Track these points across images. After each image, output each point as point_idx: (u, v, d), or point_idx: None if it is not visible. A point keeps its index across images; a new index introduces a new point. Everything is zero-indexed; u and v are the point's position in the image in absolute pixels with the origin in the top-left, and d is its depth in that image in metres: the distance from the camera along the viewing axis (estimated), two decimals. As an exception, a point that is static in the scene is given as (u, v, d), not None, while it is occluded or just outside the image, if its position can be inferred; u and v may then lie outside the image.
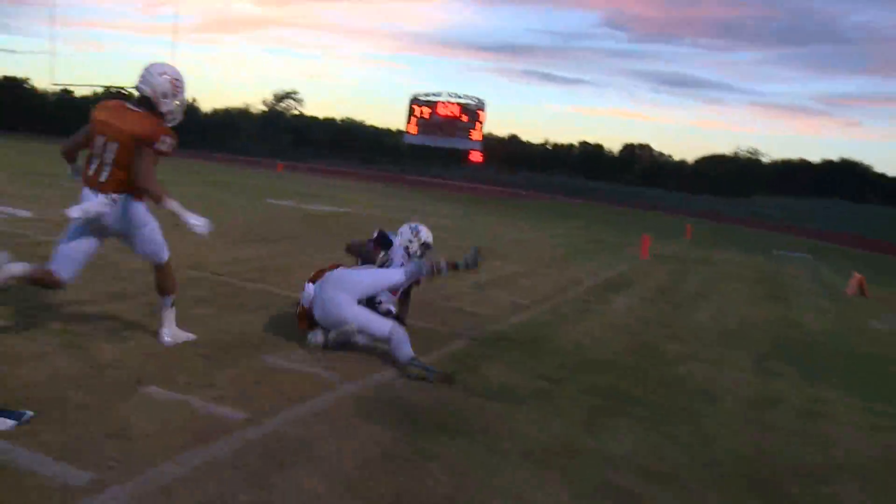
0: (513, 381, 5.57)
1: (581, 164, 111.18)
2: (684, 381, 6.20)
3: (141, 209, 5.32)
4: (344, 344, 5.77)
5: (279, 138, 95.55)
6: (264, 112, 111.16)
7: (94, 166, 5.17)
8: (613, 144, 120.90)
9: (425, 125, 68.23)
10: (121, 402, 4.21)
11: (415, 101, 69.50)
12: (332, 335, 5.78)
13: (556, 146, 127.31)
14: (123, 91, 52.26)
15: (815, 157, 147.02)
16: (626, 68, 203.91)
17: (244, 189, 24.41)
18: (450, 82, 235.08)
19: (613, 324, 8.20)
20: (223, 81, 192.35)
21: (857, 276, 14.07)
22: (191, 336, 5.62)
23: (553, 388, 5.50)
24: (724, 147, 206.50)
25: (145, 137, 5.03)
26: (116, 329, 5.64)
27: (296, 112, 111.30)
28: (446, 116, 68.11)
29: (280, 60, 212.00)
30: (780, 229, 42.53)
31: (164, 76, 5.22)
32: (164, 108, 5.24)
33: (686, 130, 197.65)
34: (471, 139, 67.68)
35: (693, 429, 4.98)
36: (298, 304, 6.20)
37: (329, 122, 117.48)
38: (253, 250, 10.56)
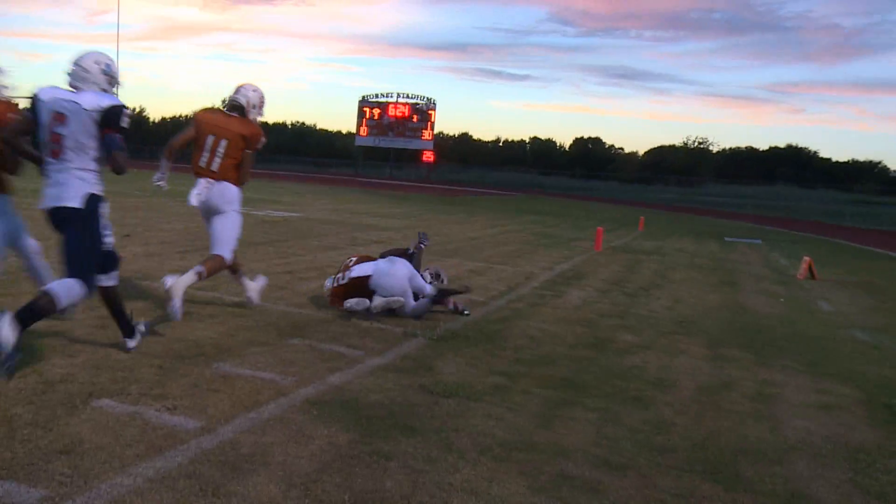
0: (468, 377, 5.59)
1: (533, 160, 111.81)
2: (639, 370, 6.26)
3: (237, 193, 6.75)
4: (386, 311, 7.23)
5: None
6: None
7: (205, 159, 6.56)
8: (564, 139, 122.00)
9: (376, 126, 68.11)
10: (72, 416, 4.15)
11: (364, 102, 69.36)
12: (377, 303, 7.16)
13: (507, 142, 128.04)
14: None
15: (762, 144, 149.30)
16: (574, 63, 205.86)
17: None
18: (401, 82, 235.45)
19: (568, 317, 8.26)
20: (170, 89, 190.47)
21: (807, 259, 14.31)
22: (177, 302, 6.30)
23: (508, 384, 5.53)
24: (674, 138, 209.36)
25: (250, 137, 6.54)
26: (66, 343, 5.56)
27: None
28: (397, 117, 68.07)
29: (226, 66, 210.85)
30: (731, 216, 43.10)
31: (257, 93, 6.73)
32: (251, 117, 6.68)
33: (636, 122, 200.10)
34: (422, 139, 67.73)
35: (648, 417, 5.04)
36: (327, 288, 7.67)
37: (280, 127, 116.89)
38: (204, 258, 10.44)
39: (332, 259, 11.37)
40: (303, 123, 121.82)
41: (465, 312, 7.85)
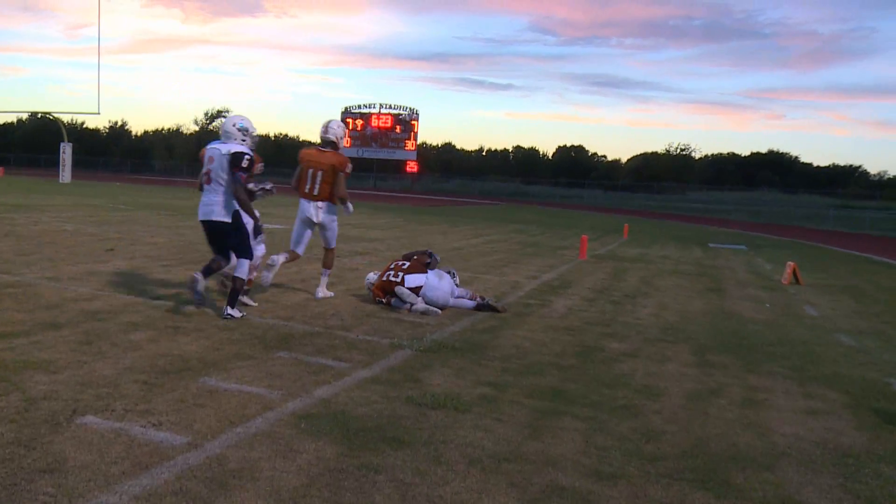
0: (456, 388, 5.56)
1: (517, 169, 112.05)
2: (626, 378, 6.25)
3: (335, 208, 8.97)
4: (422, 314, 8.35)
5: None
6: (196, 132, 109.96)
7: (308, 186, 8.83)
8: (547, 147, 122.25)
9: (359, 137, 68.06)
10: (55, 434, 4.10)
11: (347, 113, 69.34)
12: (419, 306, 8.40)
13: (490, 152, 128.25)
14: (50, 117, 51.11)
15: (744, 150, 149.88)
16: (556, 71, 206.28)
17: (179, 210, 24.07)
18: (383, 93, 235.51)
19: (554, 326, 8.25)
20: (152, 102, 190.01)
21: (791, 264, 14.37)
22: (330, 294, 9.23)
23: (497, 394, 5.50)
24: (657, 145, 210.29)
25: (339, 166, 8.77)
26: (49, 360, 5.50)
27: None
28: (380, 128, 68.06)
29: (208, 79, 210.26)
30: (714, 222, 43.29)
31: (341, 127, 9.05)
32: (341, 147, 8.97)
33: (618, 130, 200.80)
34: (405, 149, 67.76)
35: (637, 425, 5.02)
36: (369, 285, 9.05)
37: (263, 139, 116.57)
38: (190, 272, 10.39)
39: (318, 271, 11.32)
40: (286, 135, 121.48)
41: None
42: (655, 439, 4.77)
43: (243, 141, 7.62)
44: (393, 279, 8.67)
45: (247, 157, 7.40)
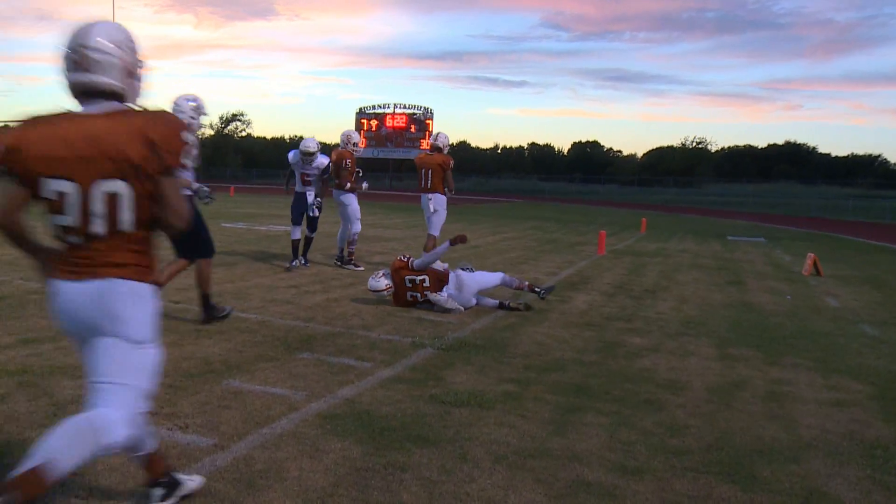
0: (479, 386, 5.57)
1: (532, 166, 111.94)
2: (649, 373, 6.24)
3: (444, 199, 11.97)
4: (443, 311, 8.45)
5: (229, 161, 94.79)
6: (212, 136, 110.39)
7: (422, 183, 11.92)
8: (563, 143, 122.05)
9: (374, 138, 68.13)
10: (84, 438, 4.13)
11: (362, 114, 69.42)
12: (440, 299, 8.46)
13: (505, 149, 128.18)
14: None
15: (760, 141, 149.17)
16: (569, 67, 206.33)
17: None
18: (397, 93, 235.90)
19: (575, 322, 8.24)
20: (166, 108, 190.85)
21: (812, 256, 14.29)
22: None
23: (520, 391, 5.51)
24: (672, 138, 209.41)
25: (443, 164, 11.70)
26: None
27: (244, 134, 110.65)
28: (395, 128, 68.12)
29: (223, 83, 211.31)
30: (732, 215, 43.09)
31: (446, 136, 11.91)
32: (445, 151, 11.86)
33: (633, 125, 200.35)
34: (420, 149, 67.71)
35: (661, 419, 5.02)
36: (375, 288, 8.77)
37: (278, 141, 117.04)
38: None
39: (337, 272, 11.37)
40: (301, 137, 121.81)
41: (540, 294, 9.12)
42: (680, 433, 4.77)
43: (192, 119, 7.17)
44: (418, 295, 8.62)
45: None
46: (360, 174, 12.30)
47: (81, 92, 2.98)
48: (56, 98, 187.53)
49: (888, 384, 6.22)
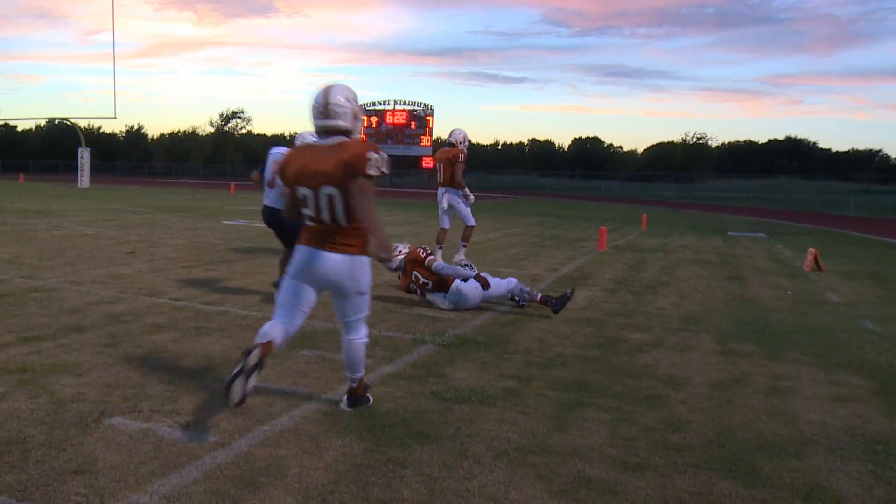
0: (480, 382, 5.57)
1: (532, 162, 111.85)
2: (650, 368, 6.23)
3: (457, 193, 11.76)
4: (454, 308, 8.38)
5: (230, 158, 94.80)
6: (212, 133, 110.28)
7: (437, 177, 11.95)
8: (563, 139, 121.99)
9: (374, 134, 68.05)
10: (84, 436, 4.13)
11: (362, 110, 69.34)
12: (446, 305, 8.42)
13: (506, 145, 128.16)
14: (67, 122, 51.41)
15: (761, 137, 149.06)
16: (569, 63, 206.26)
17: (197, 212, 24.19)
18: (397, 89, 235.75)
19: (576, 317, 8.23)
20: (168, 105, 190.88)
21: (812, 251, 14.28)
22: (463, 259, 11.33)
23: (521, 387, 5.50)
24: (673, 134, 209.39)
25: (452, 158, 11.54)
26: (76, 363, 5.54)
27: (244, 131, 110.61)
28: (395, 124, 68.04)
29: (223, 80, 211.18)
30: (733, 211, 43.07)
31: (462, 132, 11.71)
32: (460, 148, 11.58)
33: (633, 120, 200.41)
34: (421, 145, 67.67)
35: (662, 415, 5.01)
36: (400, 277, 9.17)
37: (279, 139, 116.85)
38: (210, 273, 10.46)
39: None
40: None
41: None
42: (681, 429, 4.76)
43: None
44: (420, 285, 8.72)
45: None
46: None
47: (323, 131, 4.51)
48: (54, 96, 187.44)
49: (889, 379, 6.21)
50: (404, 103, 68.31)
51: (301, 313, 4.58)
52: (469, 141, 12.13)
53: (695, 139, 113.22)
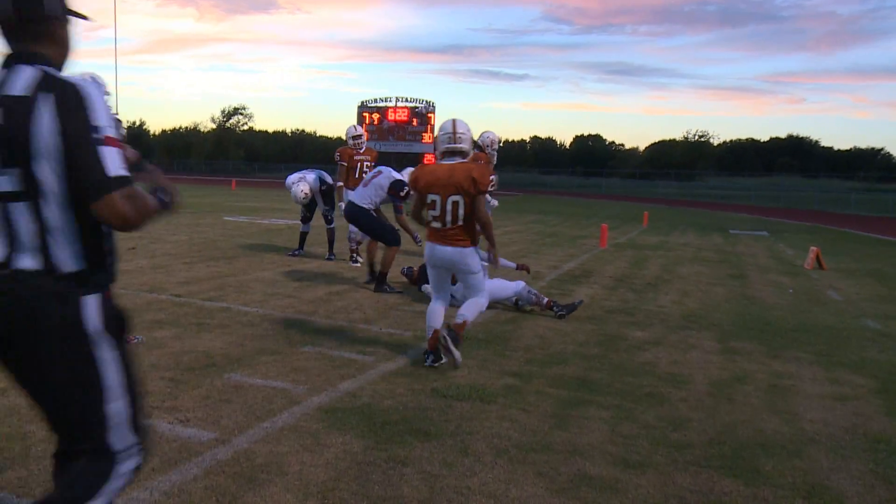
0: (481, 380, 5.56)
1: (534, 159, 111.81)
2: (651, 366, 6.23)
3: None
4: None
5: (231, 154, 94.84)
6: (214, 129, 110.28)
7: None
8: (564, 137, 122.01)
9: (376, 131, 67.99)
10: (84, 432, 4.12)
11: (364, 108, 69.30)
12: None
13: (507, 143, 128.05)
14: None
15: (763, 135, 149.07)
16: (571, 61, 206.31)
17: (199, 208, 24.19)
18: (399, 86, 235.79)
19: (577, 315, 8.22)
20: (169, 101, 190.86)
21: (814, 249, 14.26)
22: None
23: (521, 384, 5.50)
24: (674, 132, 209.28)
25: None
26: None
27: (246, 127, 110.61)
28: (397, 121, 67.97)
29: (224, 77, 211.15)
30: (734, 209, 43.05)
31: (487, 136, 10.16)
32: (488, 150, 10.07)
33: (635, 118, 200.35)
34: (423, 142, 67.58)
35: (663, 413, 5.00)
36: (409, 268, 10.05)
37: (280, 135, 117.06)
38: (211, 269, 10.46)
39: (339, 266, 11.35)
40: (302, 131, 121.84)
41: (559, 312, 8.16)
42: (682, 427, 4.75)
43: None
44: None
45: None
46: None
47: (450, 153, 6.03)
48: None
49: (891, 378, 6.20)
50: (406, 100, 68.19)
51: (447, 289, 6.27)
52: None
53: (696, 137, 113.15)
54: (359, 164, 11.86)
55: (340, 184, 11.93)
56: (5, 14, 2.31)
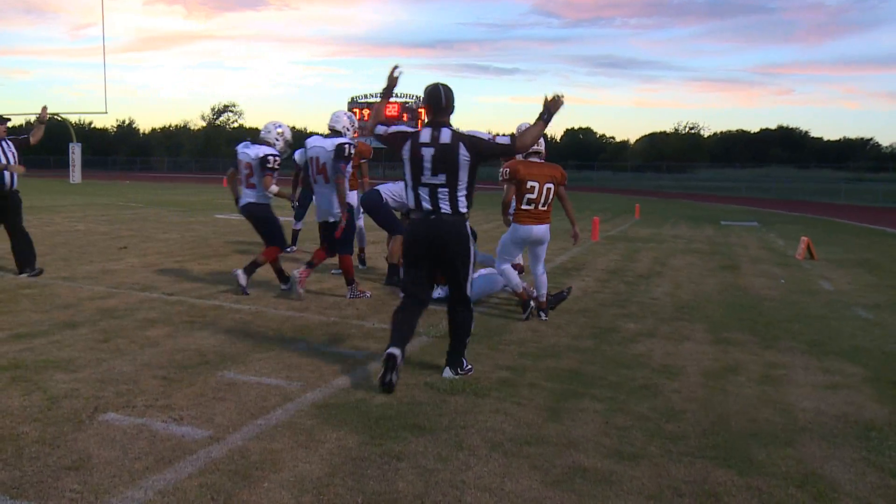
0: (474, 373, 5.56)
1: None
2: (644, 358, 6.24)
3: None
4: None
5: (222, 152, 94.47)
6: (204, 127, 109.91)
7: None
8: (555, 130, 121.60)
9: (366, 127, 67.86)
10: (78, 432, 4.12)
11: (354, 103, 69.16)
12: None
13: (498, 136, 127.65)
14: (58, 118, 51.22)
15: (753, 126, 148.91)
16: (561, 54, 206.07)
17: (191, 206, 24.13)
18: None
19: (569, 308, 8.24)
20: (158, 99, 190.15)
21: (805, 239, 14.30)
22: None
23: (515, 378, 5.51)
24: (665, 124, 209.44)
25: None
26: (69, 359, 5.53)
27: (236, 125, 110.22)
28: (387, 117, 67.82)
29: (213, 74, 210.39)
30: (725, 200, 43.12)
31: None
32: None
33: (625, 111, 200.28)
34: (416, 138, 67.47)
35: (656, 405, 5.02)
36: None
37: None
38: (204, 267, 10.44)
39: (332, 263, 11.32)
40: (293, 128, 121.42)
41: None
42: (675, 418, 4.77)
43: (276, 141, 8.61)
44: None
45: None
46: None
47: (535, 154, 7.62)
48: (44, 92, 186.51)
49: (882, 366, 6.23)
50: (396, 96, 68.00)
51: (517, 257, 8.04)
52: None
53: (687, 129, 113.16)
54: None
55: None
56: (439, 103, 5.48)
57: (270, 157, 8.24)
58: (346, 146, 8.10)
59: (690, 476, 3.88)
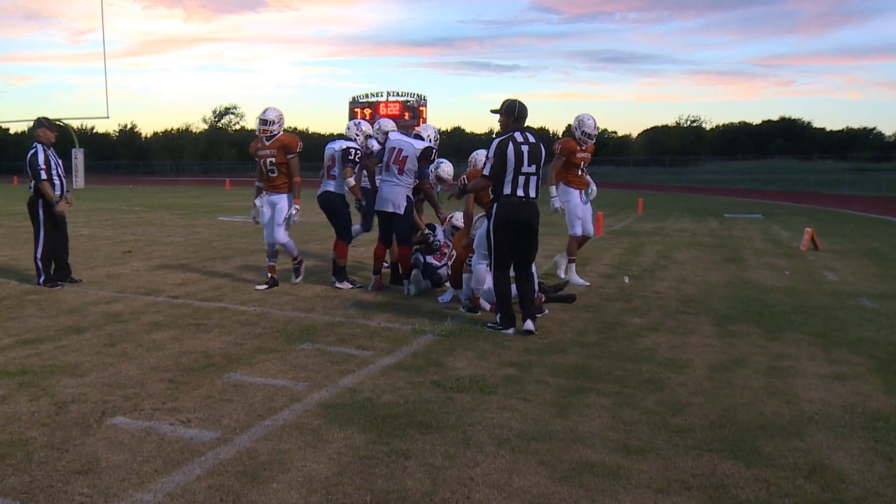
0: (480, 371, 5.57)
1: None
2: (650, 352, 6.24)
3: (570, 192, 10.75)
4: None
5: (224, 154, 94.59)
6: (206, 130, 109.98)
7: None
8: (557, 126, 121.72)
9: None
10: (86, 436, 4.14)
11: (355, 103, 69.16)
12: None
13: (500, 134, 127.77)
14: (60, 123, 51.29)
15: (755, 118, 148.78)
16: (561, 50, 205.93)
17: (194, 209, 24.16)
18: (389, 81, 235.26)
19: (574, 303, 8.23)
20: (160, 102, 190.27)
21: (809, 230, 14.28)
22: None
23: (521, 374, 5.51)
24: (667, 118, 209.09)
25: (554, 149, 10.51)
26: (76, 363, 5.54)
27: (238, 127, 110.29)
28: (388, 115, 67.81)
29: (214, 77, 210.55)
30: (729, 193, 43.07)
31: (588, 120, 10.38)
32: (576, 134, 10.58)
33: (627, 105, 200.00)
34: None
35: (663, 398, 5.02)
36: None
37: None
38: (208, 270, 10.45)
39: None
40: (295, 128, 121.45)
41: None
42: (682, 411, 4.77)
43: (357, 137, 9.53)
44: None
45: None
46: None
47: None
48: (46, 97, 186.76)
49: (888, 356, 6.22)
50: (397, 94, 68.08)
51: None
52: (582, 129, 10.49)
53: (689, 122, 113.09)
54: (262, 161, 8.99)
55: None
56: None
57: (352, 150, 9.08)
58: (434, 152, 9.19)
59: (698, 469, 3.89)
